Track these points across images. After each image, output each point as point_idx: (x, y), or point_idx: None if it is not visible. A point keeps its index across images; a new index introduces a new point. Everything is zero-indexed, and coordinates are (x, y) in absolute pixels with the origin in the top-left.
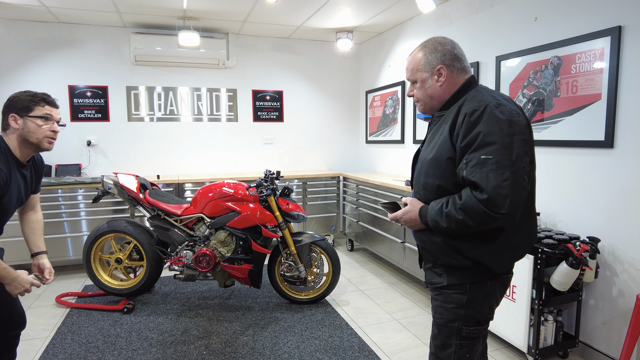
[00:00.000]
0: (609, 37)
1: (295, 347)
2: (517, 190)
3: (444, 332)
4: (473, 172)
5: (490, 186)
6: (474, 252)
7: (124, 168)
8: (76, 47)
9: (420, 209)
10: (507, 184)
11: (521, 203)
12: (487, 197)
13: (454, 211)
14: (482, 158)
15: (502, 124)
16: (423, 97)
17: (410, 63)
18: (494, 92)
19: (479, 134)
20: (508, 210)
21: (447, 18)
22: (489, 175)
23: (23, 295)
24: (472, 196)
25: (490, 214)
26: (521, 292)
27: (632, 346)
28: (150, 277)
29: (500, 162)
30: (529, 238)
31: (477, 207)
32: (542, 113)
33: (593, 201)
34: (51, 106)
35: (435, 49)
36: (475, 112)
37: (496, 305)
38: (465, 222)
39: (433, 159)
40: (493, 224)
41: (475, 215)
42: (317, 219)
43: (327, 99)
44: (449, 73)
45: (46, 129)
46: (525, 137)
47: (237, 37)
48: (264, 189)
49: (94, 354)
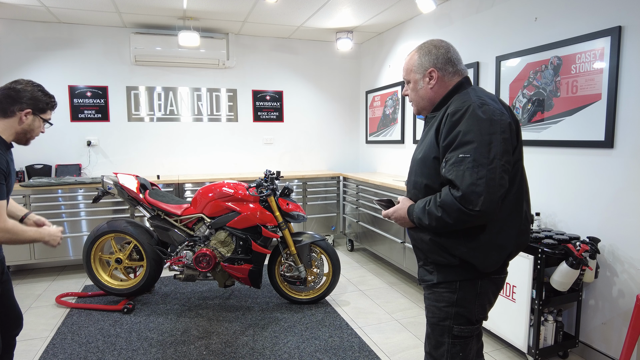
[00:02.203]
0: (609, 37)
1: (295, 347)
2: (493, 188)
3: (437, 330)
4: (450, 171)
5: (465, 184)
6: (459, 250)
7: (124, 168)
8: (76, 47)
9: (409, 207)
10: (482, 181)
11: (497, 201)
12: (461, 195)
13: (434, 208)
14: (460, 157)
15: (482, 122)
16: (415, 98)
17: (406, 64)
18: (482, 93)
19: (458, 134)
20: (482, 208)
21: (447, 18)
22: (465, 173)
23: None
24: (449, 194)
25: (465, 210)
26: (521, 292)
27: (632, 346)
28: (150, 277)
29: (477, 160)
30: (517, 236)
31: (453, 204)
32: (542, 113)
33: (593, 201)
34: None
35: (430, 51)
36: (458, 112)
37: (489, 305)
38: (444, 219)
39: (421, 158)
40: (470, 221)
41: (452, 212)
42: (317, 219)
43: (327, 99)
44: (440, 76)
45: (39, 129)
46: (506, 135)
47: (237, 37)
48: (264, 189)
49: (94, 354)
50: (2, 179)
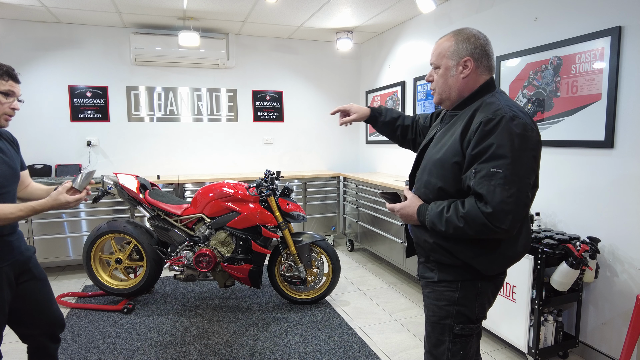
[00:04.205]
0: (609, 37)
1: (295, 347)
2: (520, 207)
3: (437, 329)
4: (480, 184)
5: (495, 200)
6: (465, 255)
7: (124, 168)
8: (76, 47)
9: (420, 207)
10: (511, 200)
11: (521, 220)
12: (491, 211)
13: (455, 218)
14: (492, 171)
15: (515, 138)
16: (442, 86)
17: (437, 47)
18: (511, 102)
19: (491, 145)
20: (508, 227)
21: (447, 18)
22: (496, 189)
23: (76, 205)
24: (476, 207)
25: (490, 227)
26: (521, 292)
27: (632, 346)
28: (150, 277)
29: (508, 177)
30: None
31: (478, 219)
32: (542, 113)
33: (593, 201)
34: (14, 81)
35: (468, 39)
36: (491, 122)
37: (488, 305)
38: (463, 230)
39: (439, 159)
40: (490, 236)
41: (475, 226)
42: (317, 219)
43: (327, 99)
44: (474, 67)
45: (6, 106)
46: (535, 153)
47: (237, 37)
48: (264, 189)
49: (94, 354)
50: None
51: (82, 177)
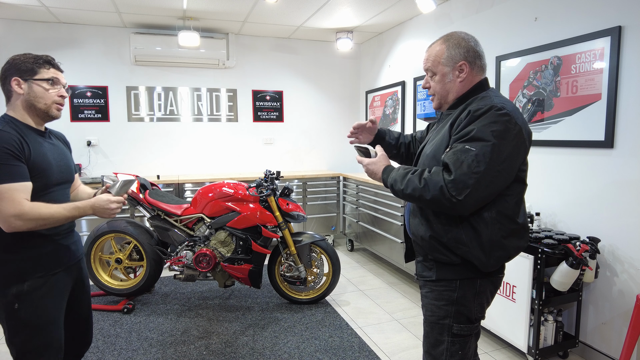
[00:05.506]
0: (609, 37)
1: (295, 347)
2: (481, 186)
3: (436, 329)
4: (451, 157)
5: (459, 172)
6: (461, 250)
7: (124, 168)
8: (76, 47)
9: (386, 167)
10: (475, 176)
11: (479, 200)
12: (452, 179)
13: (417, 179)
14: (465, 148)
15: (497, 125)
16: (440, 91)
17: (431, 54)
18: (503, 98)
19: (472, 130)
20: (463, 199)
21: (447, 18)
22: (463, 162)
23: (118, 211)
24: (440, 174)
25: (446, 193)
26: (521, 292)
27: (632, 346)
28: (150, 277)
29: (479, 156)
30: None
31: (438, 183)
32: (542, 113)
33: (593, 201)
34: (56, 69)
35: (459, 44)
36: (479, 110)
37: (487, 304)
38: (421, 192)
39: (432, 152)
40: (443, 207)
41: (433, 189)
42: (317, 219)
43: (327, 99)
44: (470, 70)
45: (54, 94)
46: (515, 146)
47: (237, 37)
48: (264, 189)
49: (94, 354)
50: (12, 159)
51: (119, 185)
